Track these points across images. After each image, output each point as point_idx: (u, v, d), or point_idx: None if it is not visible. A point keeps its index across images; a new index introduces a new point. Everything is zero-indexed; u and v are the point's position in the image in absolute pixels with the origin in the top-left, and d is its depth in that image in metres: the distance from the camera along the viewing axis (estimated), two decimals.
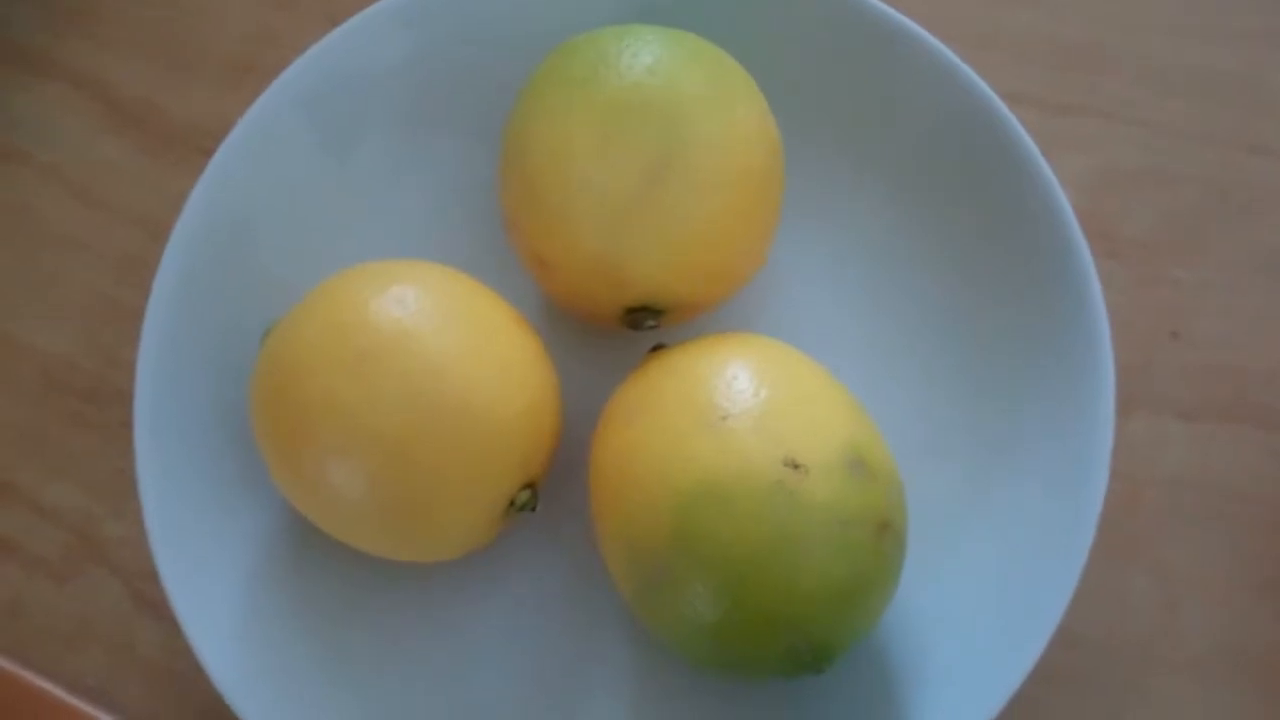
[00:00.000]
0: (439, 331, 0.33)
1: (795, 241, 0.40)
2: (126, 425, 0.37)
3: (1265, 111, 0.43)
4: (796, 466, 0.31)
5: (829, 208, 0.40)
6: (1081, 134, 0.43)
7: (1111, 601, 0.38)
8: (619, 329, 0.37)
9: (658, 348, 0.36)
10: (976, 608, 0.36)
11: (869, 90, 0.40)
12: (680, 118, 0.34)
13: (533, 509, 0.35)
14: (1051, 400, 0.37)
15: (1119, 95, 0.44)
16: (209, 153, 0.39)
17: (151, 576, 0.36)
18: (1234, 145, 0.43)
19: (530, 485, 0.34)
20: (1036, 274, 0.38)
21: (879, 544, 0.32)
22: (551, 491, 0.37)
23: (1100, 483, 0.35)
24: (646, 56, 0.34)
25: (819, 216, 0.40)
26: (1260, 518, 0.39)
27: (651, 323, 0.36)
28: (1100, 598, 0.38)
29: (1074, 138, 0.43)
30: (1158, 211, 0.42)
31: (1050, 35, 0.44)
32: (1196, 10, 0.44)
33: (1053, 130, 0.43)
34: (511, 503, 0.34)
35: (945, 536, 0.37)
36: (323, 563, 0.37)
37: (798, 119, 0.39)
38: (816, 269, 0.40)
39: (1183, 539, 0.39)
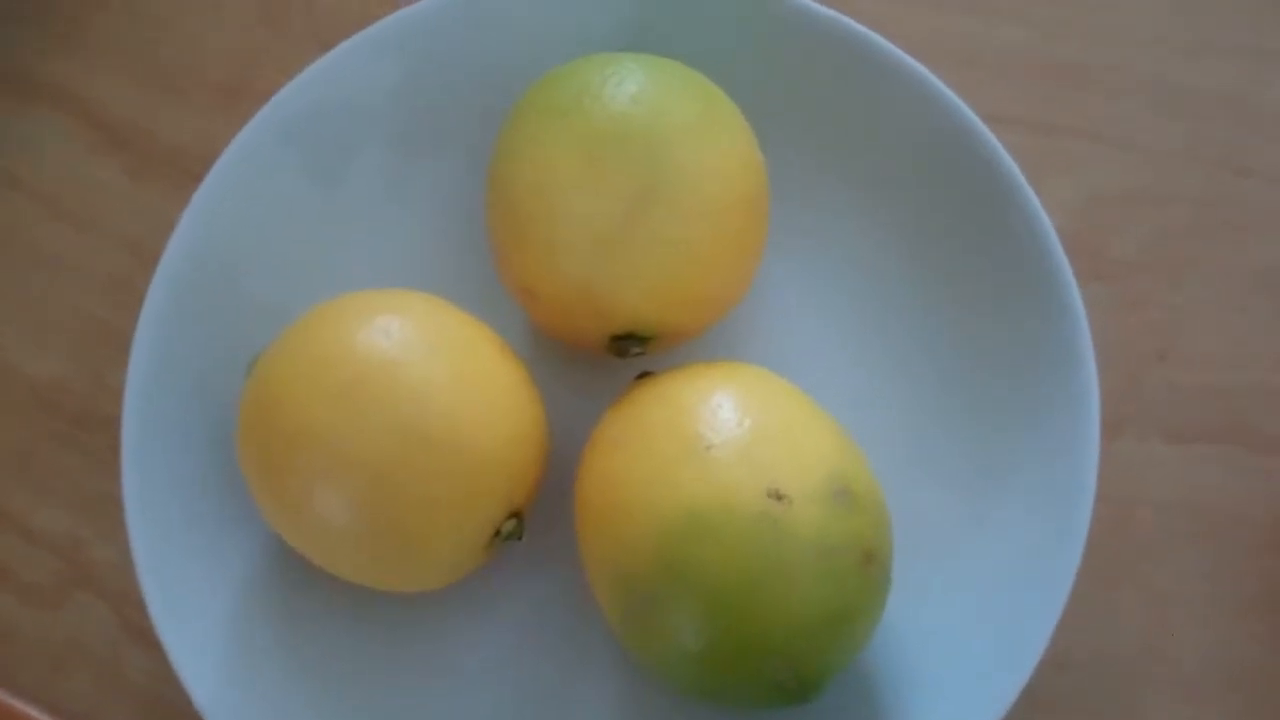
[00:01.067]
0: (424, 361, 0.33)
1: (781, 267, 0.40)
2: (115, 449, 0.37)
3: (1253, 131, 0.43)
4: (780, 497, 0.31)
5: (815, 233, 0.40)
6: (1068, 155, 0.43)
7: (1100, 622, 0.39)
8: (605, 356, 0.37)
9: (644, 375, 0.36)
10: (965, 631, 0.36)
11: (853, 115, 0.40)
12: (664, 146, 0.34)
13: (518, 538, 0.35)
14: (1038, 422, 0.37)
15: (1106, 115, 0.44)
16: (198, 176, 0.39)
17: (140, 602, 0.36)
18: (1222, 165, 0.43)
19: (516, 514, 0.34)
20: (1022, 297, 0.38)
21: (864, 573, 0.32)
22: (537, 519, 0.37)
23: (1087, 504, 0.35)
24: (630, 85, 0.34)
25: (805, 242, 0.40)
26: (1247, 538, 0.39)
27: (637, 350, 0.36)
28: (1089, 619, 0.38)
29: (1061, 159, 0.43)
30: (1145, 232, 0.42)
31: (1037, 55, 0.44)
32: (1184, 29, 0.44)
33: (1039, 151, 0.43)
34: (497, 532, 0.34)
35: (932, 560, 0.37)
36: (308, 591, 0.37)
37: (783, 145, 0.39)
38: (803, 295, 0.40)
39: (1171, 560, 0.39)
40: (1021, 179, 0.37)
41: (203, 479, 0.37)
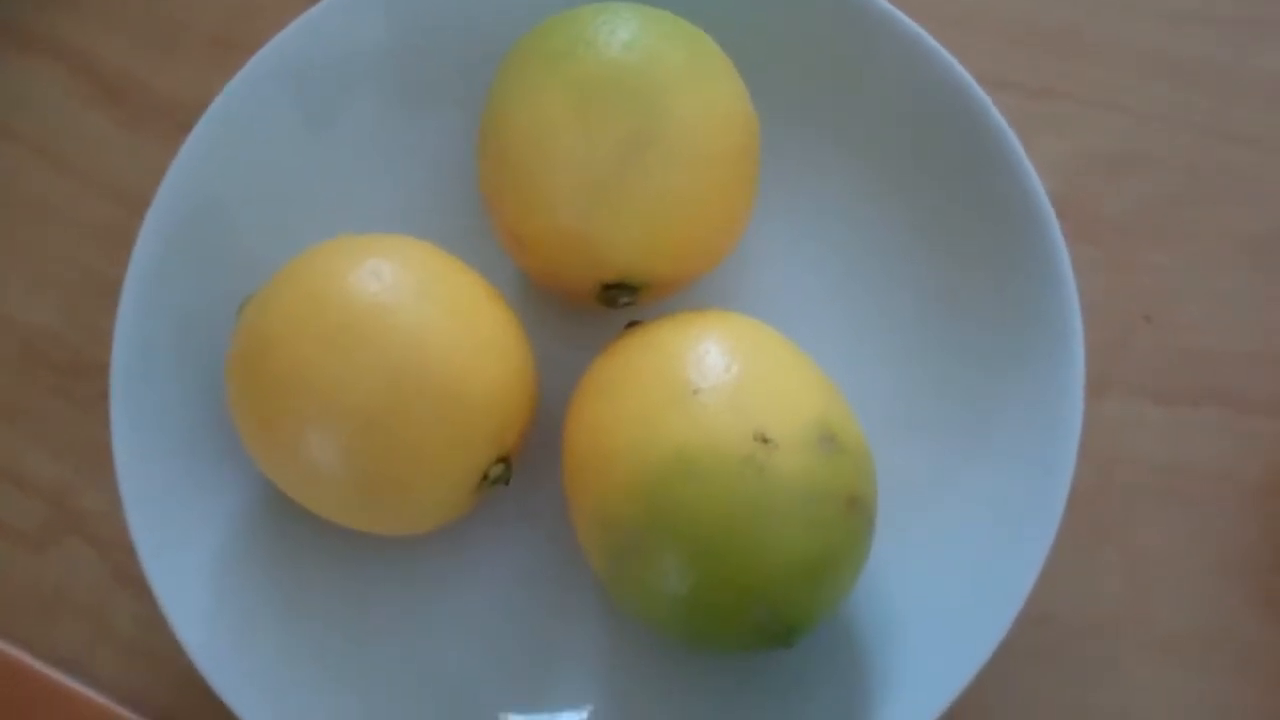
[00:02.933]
0: (414, 305, 0.33)
1: (771, 219, 0.40)
2: (106, 398, 0.37)
3: (1242, 97, 0.43)
4: (766, 441, 0.31)
5: (805, 186, 0.40)
6: (1059, 118, 0.43)
7: (1082, 580, 0.39)
8: (595, 307, 0.37)
9: (633, 324, 0.36)
10: (946, 582, 0.36)
11: (846, 70, 0.40)
12: (657, 94, 0.34)
13: (506, 482, 0.35)
14: (1023, 380, 0.37)
15: (1097, 79, 0.44)
16: (190, 127, 0.39)
17: (129, 549, 0.36)
18: (1211, 131, 0.43)
19: (504, 458, 0.35)
20: (1010, 256, 0.38)
21: (848, 518, 0.32)
22: (526, 466, 0.37)
23: (1069, 461, 0.35)
24: (624, 33, 0.34)
25: (795, 195, 0.40)
26: (1230, 500, 0.40)
27: (627, 300, 0.36)
28: (1071, 577, 0.38)
29: (1052, 121, 0.43)
30: (1134, 196, 0.43)
31: (1029, 18, 0.44)
32: None
33: (1031, 114, 0.43)
34: (485, 476, 0.34)
35: (916, 511, 0.37)
36: (298, 536, 0.37)
37: (774, 98, 0.39)
38: (791, 247, 0.40)
39: (1154, 521, 0.39)
40: (1012, 137, 0.38)
41: (192, 423, 0.37)
